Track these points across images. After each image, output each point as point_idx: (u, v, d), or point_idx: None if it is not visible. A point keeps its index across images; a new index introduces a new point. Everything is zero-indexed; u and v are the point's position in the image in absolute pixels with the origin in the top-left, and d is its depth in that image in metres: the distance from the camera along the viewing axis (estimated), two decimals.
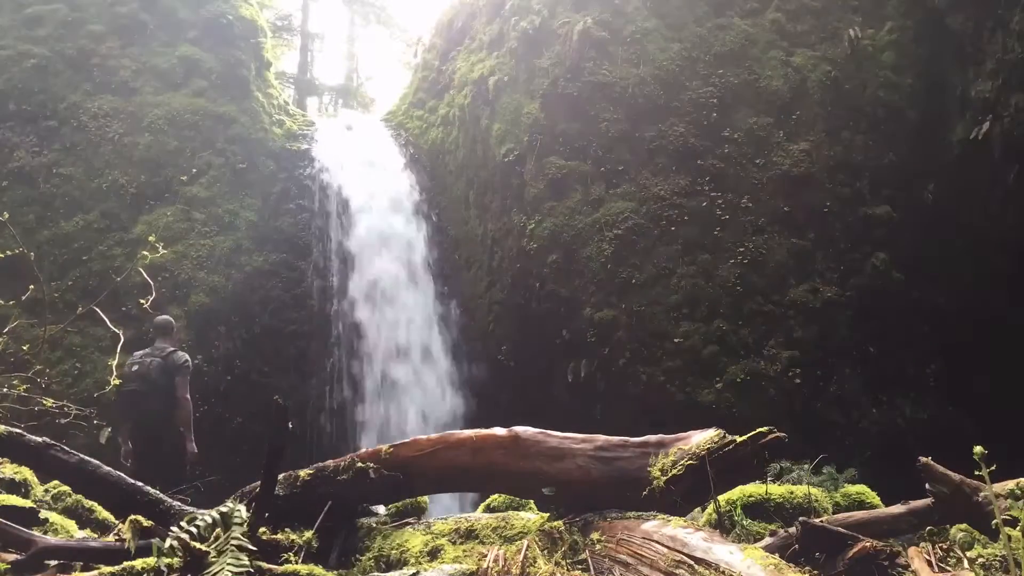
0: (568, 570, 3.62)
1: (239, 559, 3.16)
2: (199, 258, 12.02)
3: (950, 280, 10.71)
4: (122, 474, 4.37)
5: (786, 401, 10.28)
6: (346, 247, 13.22)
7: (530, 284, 11.84)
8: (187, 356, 8.24)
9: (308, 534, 4.03)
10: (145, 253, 10.15)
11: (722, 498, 4.96)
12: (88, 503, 5.67)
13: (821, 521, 4.23)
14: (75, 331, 10.96)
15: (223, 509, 3.57)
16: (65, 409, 9.31)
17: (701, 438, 4.09)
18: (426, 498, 5.11)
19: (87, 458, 4.31)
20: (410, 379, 12.34)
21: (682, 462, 4.00)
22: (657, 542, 3.41)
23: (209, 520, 3.43)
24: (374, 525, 4.46)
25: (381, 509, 4.79)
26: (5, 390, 8.70)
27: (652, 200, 11.38)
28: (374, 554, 4.12)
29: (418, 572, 3.54)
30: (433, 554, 3.94)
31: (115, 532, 4.99)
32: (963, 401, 10.28)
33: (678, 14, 12.24)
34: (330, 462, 4.45)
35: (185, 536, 3.20)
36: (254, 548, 3.36)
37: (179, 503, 4.36)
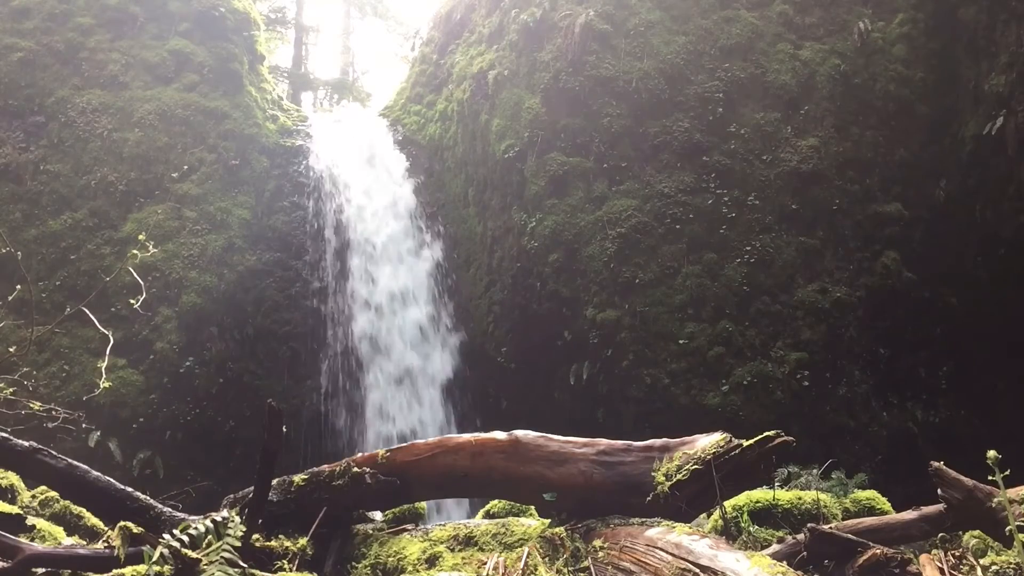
0: None
1: (227, 573, 3.14)
2: (190, 257, 11.75)
3: (963, 280, 10.55)
4: (111, 479, 4.30)
5: (794, 404, 10.11)
6: (344, 258, 12.89)
7: (531, 284, 11.59)
8: None
9: (302, 541, 4.03)
10: (135, 252, 9.77)
11: (729, 504, 4.88)
12: (77, 509, 5.50)
13: (830, 528, 4.24)
14: (63, 332, 10.73)
15: (216, 517, 3.54)
16: (53, 412, 9.05)
17: (707, 442, 4.07)
18: (424, 504, 5.10)
19: (75, 463, 4.27)
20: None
21: (687, 467, 3.97)
22: (661, 549, 3.38)
23: (202, 529, 3.42)
24: (371, 532, 4.44)
25: (378, 515, 4.76)
26: None
27: (656, 197, 11.16)
28: (370, 561, 4.11)
29: None
30: (431, 561, 3.94)
31: (104, 539, 4.92)
32: (976, 404, 10.18)
33: (683, 6, 12.03)
34: (325, 467, 4.43)
35: (176, 544, 3.20)
36: (243, 564, 3.31)
37: (170, 509, 4.30)
